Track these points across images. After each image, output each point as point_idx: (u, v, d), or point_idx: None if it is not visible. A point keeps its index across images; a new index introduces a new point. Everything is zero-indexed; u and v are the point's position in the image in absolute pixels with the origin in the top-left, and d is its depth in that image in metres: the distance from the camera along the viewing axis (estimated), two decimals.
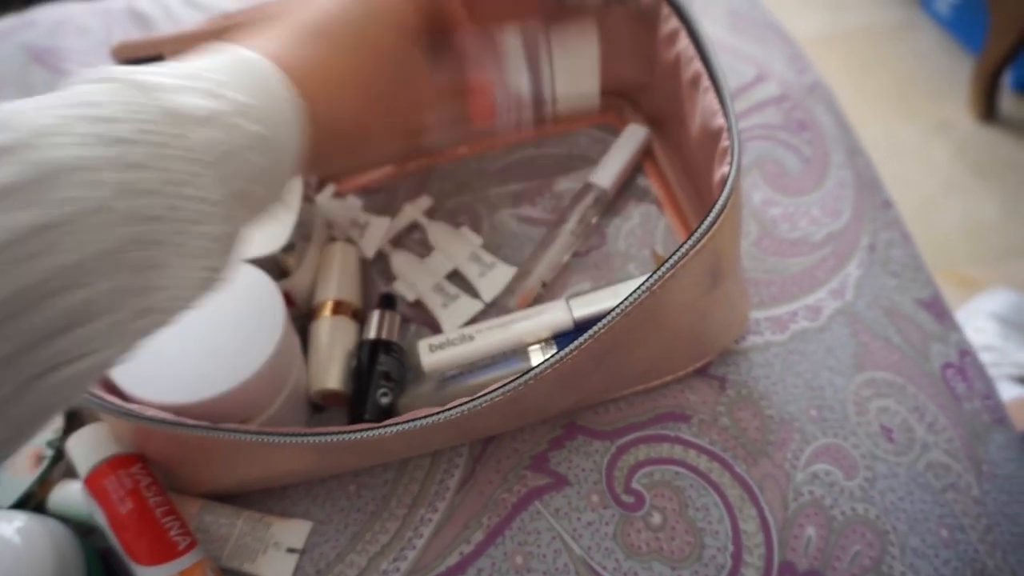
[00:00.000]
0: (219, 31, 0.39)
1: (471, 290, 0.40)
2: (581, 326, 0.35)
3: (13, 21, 0.62)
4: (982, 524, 0.32)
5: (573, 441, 0.34)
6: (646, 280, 0.27)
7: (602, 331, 0.27)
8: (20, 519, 0.29)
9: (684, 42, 0.35)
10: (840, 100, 0.51)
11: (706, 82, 0.33)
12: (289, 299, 0.37)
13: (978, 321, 0.86)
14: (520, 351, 0.34)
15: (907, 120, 1.29)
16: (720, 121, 0.31)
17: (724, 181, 0.29)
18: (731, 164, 0.29)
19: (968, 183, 1.21)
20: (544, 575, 0.31)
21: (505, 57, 0.34)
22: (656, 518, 0.32)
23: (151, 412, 0.28)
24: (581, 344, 0.27)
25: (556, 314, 0.35)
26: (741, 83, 0.49)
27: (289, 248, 0.36)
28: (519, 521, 0.32)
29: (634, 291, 0.27)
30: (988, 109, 1.24)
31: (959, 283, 1.10)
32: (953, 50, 1.37)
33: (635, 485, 0.33)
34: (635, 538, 0.32)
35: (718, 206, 0.28)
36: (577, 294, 0.36)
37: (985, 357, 0.73)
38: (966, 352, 0.38)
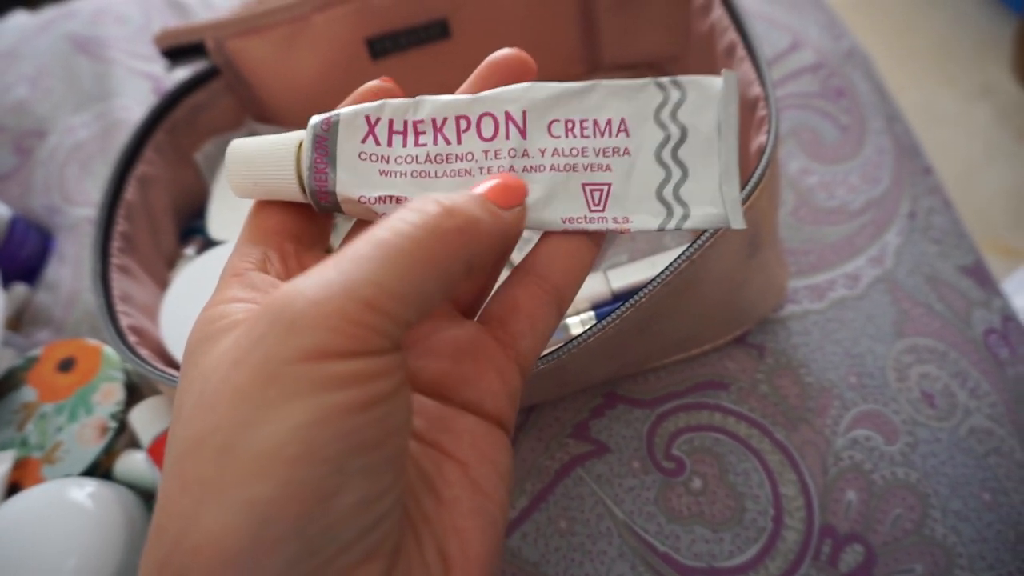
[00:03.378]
0: (255, 17, 0.40)
1: (509, 263, 0.40)
2: (619, 297, 0.36)
3: (54, 12, 0.64)
4: None
5: (613, 410, 0.35)
6: (686, 250, 0.28)
7: (643, 300, 0.28)
8: (91, 485, 0.31)
9: (718, 12, 0.35)
10: (877, 65, 0.50)
11: (741, 52, 0.33)
12: None
13: None
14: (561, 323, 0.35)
15: (947, 84, 1.26)
16: (757, 90, 0.31)
17: (761, 151, 0.29)
18: (768, 133, 0.29)
19: (1011, 149, 1.17)
20: (588, 538, 0.32)
21: None
22: (697, 483, 0.33)
23: None
24: (623, 313, 0.27)
25: (594, 286, 0.36)
26: (776, 52, 0.49)
27: None
28: (562, 487, 0.33)
29: (674, 260, 0.28)
30: None
31: (1002, 252, 1.08)
32: (994, 10, 1.33)
33: (675, 451, 0.34)
34: (676, 502, 0.32)
35: (756, 176, 0.28)
36: (614, 266, 0.37)
37: None
38: (1010, 318, 0.38)
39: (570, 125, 0.20)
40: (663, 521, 0.32)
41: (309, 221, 0.21)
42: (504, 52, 0.21)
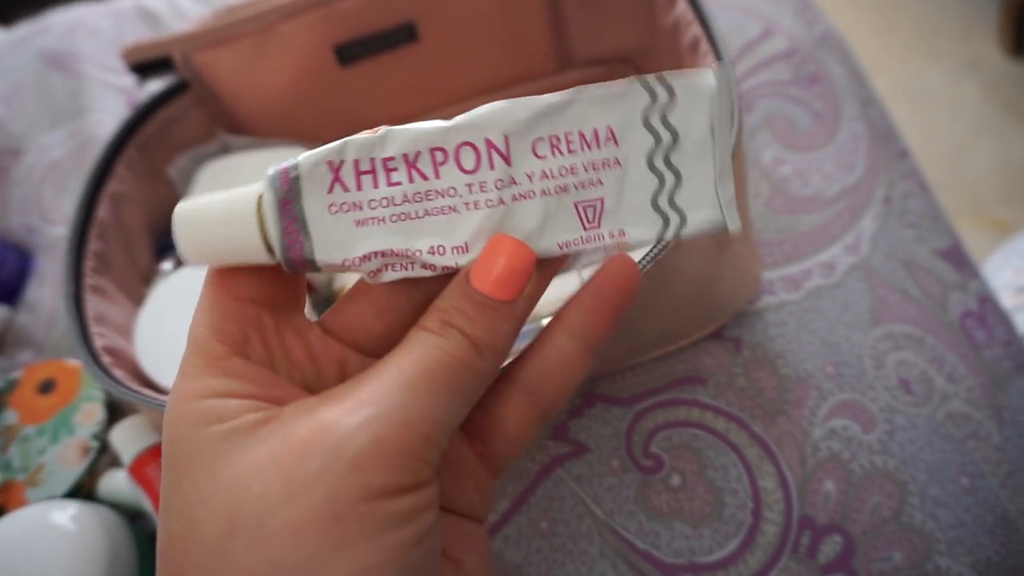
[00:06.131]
0: (221, 29, 0.40)
1: None
2: None
3: (27, 28, 0.64)
4: (1003, 470, 0.32)
5: (592, 409, 0.35)
6: (649, 251, 0.28)
7: None
8: (73, 507, 0.31)
9: (682, 6, 0.35)
10: (860, 46, 0.49)
11: (705, 46, 0.33)
12: (310, 286, 0.38)
13: (1015, 261, 0.84)
14: (534, 323, 0.35)
15: (933, 61, 1.25)
16: None
17: None
18: (733, 127, 0.29)
19: (1000, 122, 1.17)
20: (569, 539, 0.32)
21: None
22: (675, 480, 0.33)
23: None
24: None
25: (569, 286, 0.36)
26: (747, 39, 0.48)
27: None
28: (543, 488, 0.33)
29: (639, 261, 0.28)
30: (1019, 43, 1.19)
31: (993, 227, 1.08)
32: None
33: (654, 449, 0.34)
34: (656, 500, 0.32)
35: None
36: (589, 264, 0.37)
37: (1023, 298, 0.72)
38: (986, 299, 0.38)
39: (555, 141, 0.18)
40: (643, 519, 0.32)
41: (284, 282, 0.19)
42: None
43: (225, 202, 0.18)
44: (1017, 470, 0.32)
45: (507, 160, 0.18)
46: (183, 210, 0.18)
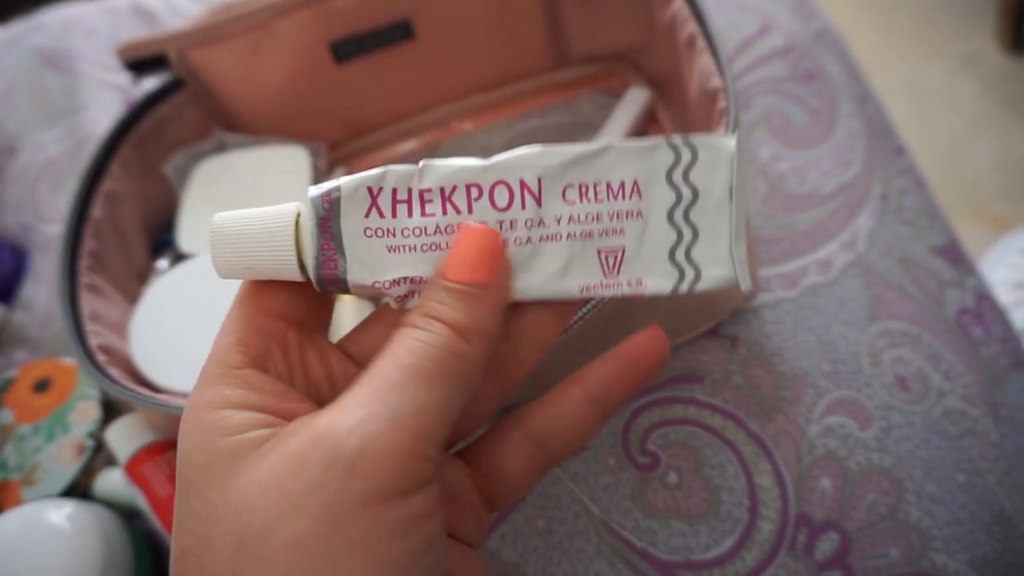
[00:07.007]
0: (217, 26, 0.40)
1: None
2: None
3: (22, 26, 0.64)
4: (1000, 468, 0.32)
5: None
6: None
7: (605, 299, 0.28)
8: (69, 506, 0.31)
9: (679, 3, 0.35)
10: (857, 42, 0.49)
11: (702, 43, 0.33)
12: None
13: (1011, 257, 0.84)
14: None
15: (931, 57, 1.25)
16: (716, 82, 0.31)
17: None
18: (728, 127, 0.29)
19: (999, 119, 1.17)
20: (565, 537, 0.32)
21: None
22: (672, 477, 0.33)
23: (179, 401, 0.30)
24: (583, 315, 0.27)
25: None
26: (745, 36, 0.48)
27: None
28: (539, 486, 0.33)
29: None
30: (1017, 39, 1.19)
31: (993, 223, 1.08)
32: None
33: (650, 446, 0.34)
34: (652, 498, 0.32)
35: None
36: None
37: (1019, 294, 0.72)
38: (983, 296, 0.38)
39: (584, 189, 0.19)
40: (640, 517, 0.32)
41: (314, 302, 0.19)
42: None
43: (262, 218, 0.18)
44: (1014, 467, 0.32)
45: (538, 202, 0.19)
46: (221, 223, 0.18)
